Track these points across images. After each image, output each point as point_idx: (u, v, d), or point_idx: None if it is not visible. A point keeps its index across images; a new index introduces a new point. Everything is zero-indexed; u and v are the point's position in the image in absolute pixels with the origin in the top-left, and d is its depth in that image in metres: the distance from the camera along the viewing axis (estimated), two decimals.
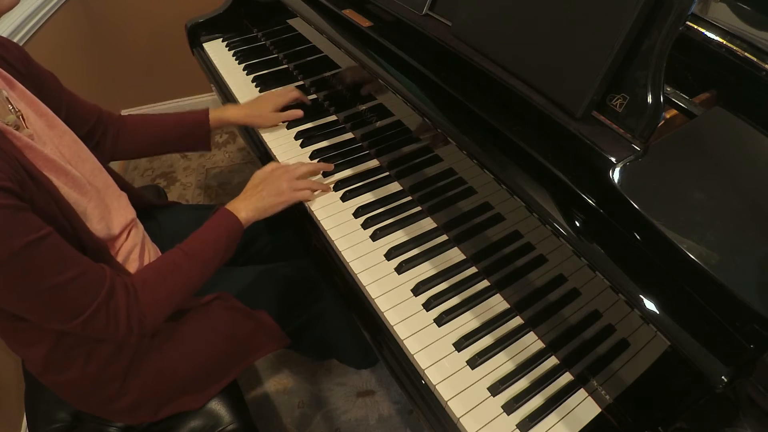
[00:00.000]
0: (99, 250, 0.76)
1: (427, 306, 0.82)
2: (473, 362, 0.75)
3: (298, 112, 1.19)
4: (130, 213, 0.92)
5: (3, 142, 0.65)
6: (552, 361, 0.76)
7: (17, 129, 0.71)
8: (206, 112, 1.11)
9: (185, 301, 0.82)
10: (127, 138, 1.03)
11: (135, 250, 0.90)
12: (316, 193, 1.01)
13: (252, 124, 1.18)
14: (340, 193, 1.02)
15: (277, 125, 1.20)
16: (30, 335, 0.76)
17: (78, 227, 0.73)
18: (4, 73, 0.77)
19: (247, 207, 0.91)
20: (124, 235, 0.89)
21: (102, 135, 1.00)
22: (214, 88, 1.46)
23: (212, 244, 0.84)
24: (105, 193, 0.87)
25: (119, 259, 0.86)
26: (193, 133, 1.11)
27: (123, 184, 0.98)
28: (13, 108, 0.72)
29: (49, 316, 0.68)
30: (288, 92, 1.20)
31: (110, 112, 1.03)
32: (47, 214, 0.66)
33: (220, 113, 1.12)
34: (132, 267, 0.88)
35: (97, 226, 0.79)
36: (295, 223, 1.05)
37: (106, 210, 0.85)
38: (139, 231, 0.94)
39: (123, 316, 0.71)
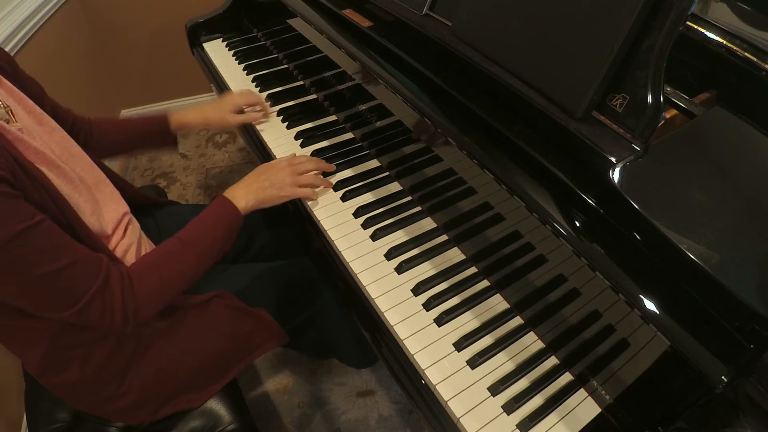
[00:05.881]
0: (94, 244, 0.76)
1: (427, 306, 0.82)
2: (473, 362, 0.75)
3: (257, 115, 1.20)
4: (122, 207, 0.92)
5: None
6: (552, 361, 0.76)
7: (7, 123, 0.71)
8: (166, 113, 1.13)
9: (183, 290, 0.82)
10: (96, 139, 1.05)
11: (132, 249, 0.90)
12: (316, 190, 1.01)
13: (210, 127, 1.21)
14: (340, 193, 1.02)
15: (276, 125, 1.20)
16: (26, 335, 0.76)
17: (72, 218, 0.72)
18: None
19: (246, 195, 0.90)
20: (120, 232, 0.89)
21: (75, 137, 1.01)
22: (214, 88, 1.46)
23: (210, 233, 0.84)
24: (96, 189, 0.87)
25: (116, 255, 0.85)
26: (155, 133, 1.13)
27: (120, 183, 0.98)
28: (1, 103, 0.73)
29: (44, 304, 0.67)
30: (249, 94, 1.21)
31: (81, 116, 1.05)
32: (40, 205, 0.66)
33: (181, 116, 1.14)
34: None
35: (89, 219, 0.79)
36: (296, 223, 1.05)
37: (96, 205, 0.84)
38: (135, 229, 0.94)
39: (119, 306, 0.71)
